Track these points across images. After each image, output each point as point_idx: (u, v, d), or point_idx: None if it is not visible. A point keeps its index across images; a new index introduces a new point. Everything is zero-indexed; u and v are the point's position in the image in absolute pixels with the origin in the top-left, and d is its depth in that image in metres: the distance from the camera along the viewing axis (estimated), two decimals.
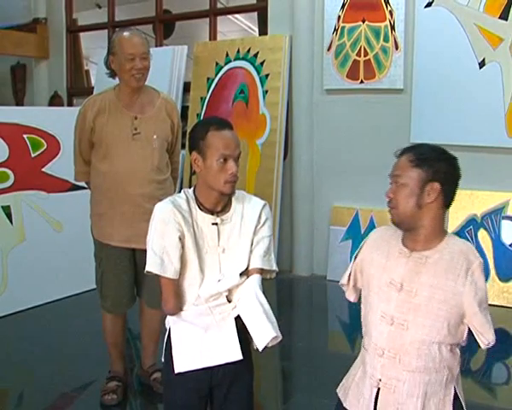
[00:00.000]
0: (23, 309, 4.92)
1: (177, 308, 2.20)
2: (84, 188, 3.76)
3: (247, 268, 2.23)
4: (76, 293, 5.27)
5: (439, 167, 1.95)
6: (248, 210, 2.28)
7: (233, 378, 2.25)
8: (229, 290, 2.21)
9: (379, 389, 2.03)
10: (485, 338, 1.95)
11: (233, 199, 2.29)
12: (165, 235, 2.16)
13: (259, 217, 2.27)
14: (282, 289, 5.83)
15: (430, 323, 1.94)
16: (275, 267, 2.30)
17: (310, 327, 5.00)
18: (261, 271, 2.25)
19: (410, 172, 1.96)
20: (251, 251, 2.24)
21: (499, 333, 4.50)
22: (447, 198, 1.98)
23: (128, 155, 3.28)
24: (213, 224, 2.23)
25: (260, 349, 2.10)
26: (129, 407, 3.58)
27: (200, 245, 2.21)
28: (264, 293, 2.19)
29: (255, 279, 2.21)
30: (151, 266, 2.17)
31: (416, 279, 1.97)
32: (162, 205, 2.22)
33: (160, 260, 2.15)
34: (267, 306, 2.16)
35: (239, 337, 2.17)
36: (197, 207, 2.24)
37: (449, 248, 1.98)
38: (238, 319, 2.18)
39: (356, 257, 2.20)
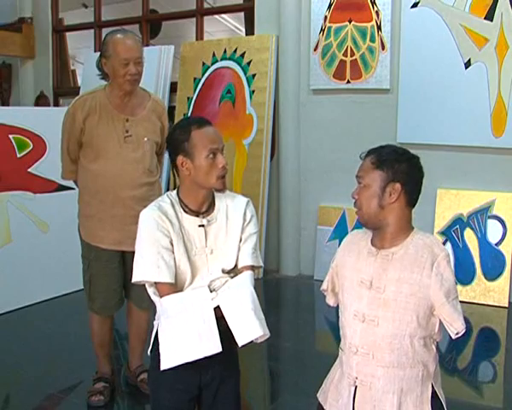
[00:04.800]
0: (9, 310, 4.89)
1: None
2: (70, 188, 3.74)
3: (235, 266, 2.25)
4: (63, 294, 5.25)
5: (398, 168, 2.01)
6: (233, 209, 2.29)
7: (222, 378, 2.24)
8: (212, 285, 2.19)
9: (356, 387, 2.06)
10: (454, 328, 1.99)
11: (216, 198, 2.29)
12: (156, 240, 2.14)
13: (245, 215, 2.29)
14: (270, 290, 5.84)
15: (399, 316, 1.99)
16: (261, 263, 2.34)
17: (297, 327, 5.00)
18: (252, 268, 2.27)
19: (371, 174, 2.02)
20: (239, 249, 2.25)
21: (486, 332, 4.55)
22: (410, 197, 2.04)
23: (119, 157, 3.23)
24: (200, 226, 2.23)
25: (240, 345, 2.08)
26: (116, 408, 3.56)
27: (188, 248, 2.20)
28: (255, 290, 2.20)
29: (249, 275, 2.22)
30: (146, 275, 2.14)
31: (383, 276, 2.02)
32: (148, 212, 2.20)
33: (156, 267, 2.12)
34: (257, 303, 2.15)
35: (227, 335, 2.10)
36: (182, 211, 2.23)
37: (413, 242, 2.03)
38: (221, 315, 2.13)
39: (332, 263, 2.26)
